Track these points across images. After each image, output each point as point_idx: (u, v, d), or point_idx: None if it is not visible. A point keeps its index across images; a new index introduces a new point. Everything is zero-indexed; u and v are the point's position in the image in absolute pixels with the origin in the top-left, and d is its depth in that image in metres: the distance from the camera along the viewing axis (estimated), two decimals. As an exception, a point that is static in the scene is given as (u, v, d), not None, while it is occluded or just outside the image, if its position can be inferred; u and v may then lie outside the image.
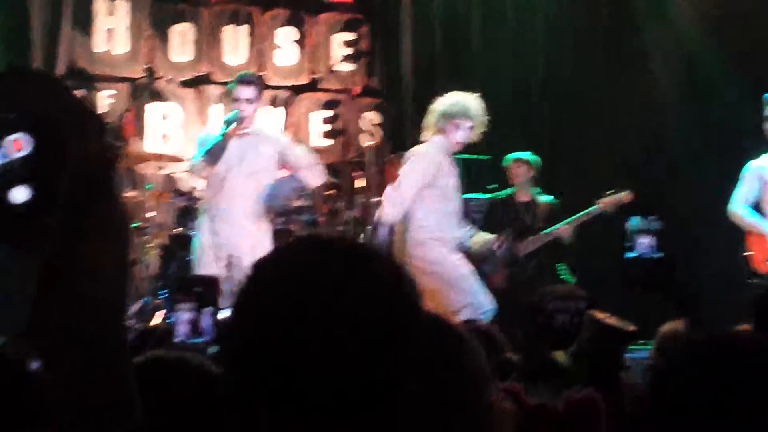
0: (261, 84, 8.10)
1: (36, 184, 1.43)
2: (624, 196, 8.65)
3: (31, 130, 1.45)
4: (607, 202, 8.74)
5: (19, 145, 1.44)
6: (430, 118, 7.76)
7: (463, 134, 7.74)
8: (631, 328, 3.92)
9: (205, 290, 5.84)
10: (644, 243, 4.96)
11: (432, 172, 7.61)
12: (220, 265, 7.59)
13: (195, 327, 5.63)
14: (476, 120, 7.74)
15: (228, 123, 7.73)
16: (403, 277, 1.68)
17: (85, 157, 1.47)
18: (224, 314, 5.88)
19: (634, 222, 4.69)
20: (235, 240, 7.67)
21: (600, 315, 3.95)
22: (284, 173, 8.04)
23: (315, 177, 8.10)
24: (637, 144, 10.30)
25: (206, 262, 7.66)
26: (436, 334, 2.35)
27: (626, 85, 10.31)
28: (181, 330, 5.59)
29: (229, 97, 7.94)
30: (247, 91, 7.76)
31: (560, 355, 3.91)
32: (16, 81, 1.51)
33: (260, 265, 1.71)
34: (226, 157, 7.69)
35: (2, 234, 1.44)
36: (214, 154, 7.68)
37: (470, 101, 7.77)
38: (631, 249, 4.84)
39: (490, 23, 10.90)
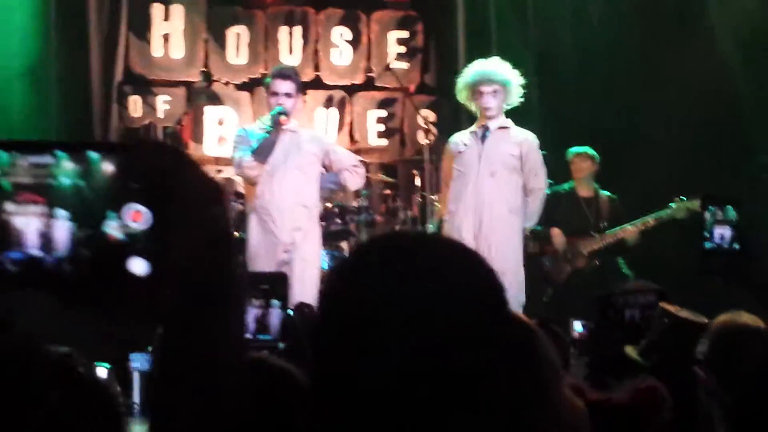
0: (299, 78, 7.89)
1: (154, 259, 1.45)
2: (696, 204, 8.33)
3: (152, 204, 1.47)
4: (678, 208, 8.51)
5: (138, 216, 1.46)
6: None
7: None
8: (704, 320, 3.87)
9: (273, 286, 5.81)
10: (722, 234, 4.90)
11: None
12: (276, 262, 7.48)
13: (262, 324, 5.61)
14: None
15: (274, 119, 7.52)
16: (490, 271, 1.66)
17: (205, 229, 1.48)
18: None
19: (711, 212, 4.63)
20: (287, 235, 7.57)
21: (671, 308, 3.90)
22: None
23: (356, 179, 7.96)
24: (705, 133, 10.11)
25: (260, 262, 7.52)
26: (512, 329, 2.34)
27: (694, 71, 10.16)
28: (249, 327, 5.58)
29: (267, 92, 7.69)
30: (285, 85, 7.57)
31: (631, 350, 3.86)
32: (142, 152, 1.53)
33: (344, 263, 1.70)
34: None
35: (120, 304, 1.47)
36: (263, 151, 7.50)
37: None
38: (708, 239, 4.77)
39: (545, 18, 10.82)
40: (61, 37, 9.81)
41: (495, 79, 7.72)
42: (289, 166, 7.60)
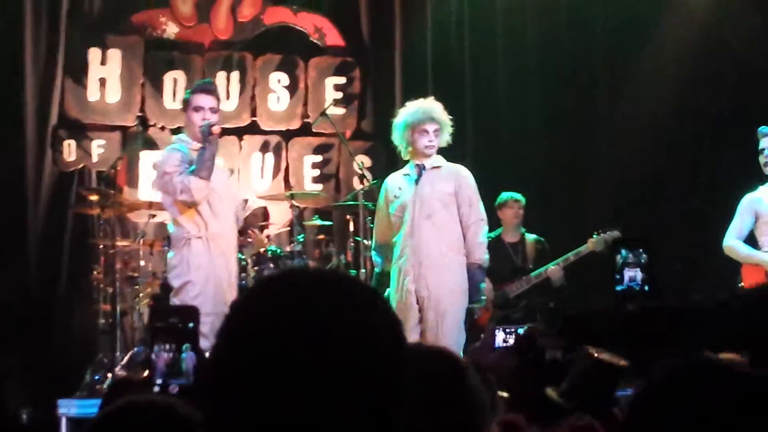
0: (218, 94, 7.68)
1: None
2: (614, 234, 8.65)
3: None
4: (596, 241, 8.74)
5: None
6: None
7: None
8: (623, 363, 3.88)
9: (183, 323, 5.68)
10: (632, 276, 4.97)
11: None
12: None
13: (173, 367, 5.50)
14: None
15: (205, 132, 7.14)
16: (384, 305, 1.65)
17: None
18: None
19: (622, 255, 4.69)
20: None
21: (592, 350, 3.91)
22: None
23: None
24: (625, 175, 10.37)
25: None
26: (437, 365, 2.33)
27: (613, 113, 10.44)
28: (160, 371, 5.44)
29: (188, 108, 7.35)
30: (209, 100, 7.33)
31: (551, 392, 3.86)
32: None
33: (239, 303, 1.68)
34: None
35: None
36: (205, 167, 7.12)
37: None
38: (620, 282, 4.83)
39: (482, 64, 10.95)
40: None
41: (437, 117, 7.73)
42: (225, 195, 7.52)
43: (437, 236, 7.63)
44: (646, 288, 5.19)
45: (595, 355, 3.89)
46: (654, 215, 10.04)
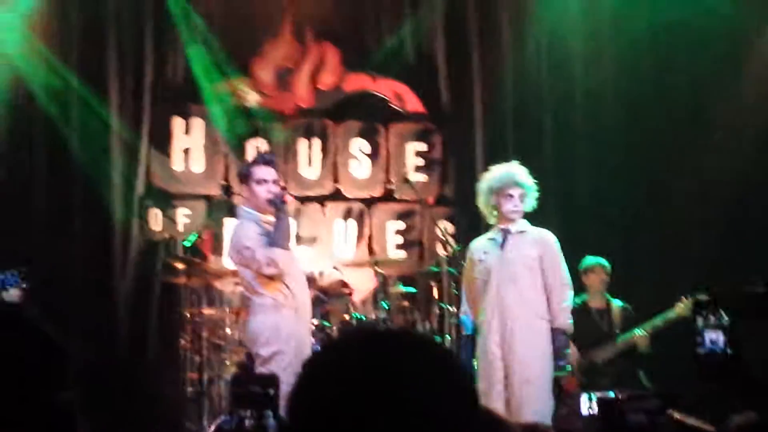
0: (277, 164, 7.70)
1: None
2: (700, 298, 8.44)
3: None
4: (685, 305, 8.57)
5: None
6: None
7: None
8: (710, 427, 3.82)
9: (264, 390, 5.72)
10: (713, 338, 4.86)
11: None
12: None
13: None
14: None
15: (278, 202, 7.23)
16: (460, 367, 1.65)
17: None
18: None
19: (702, 316, 4.61)
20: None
21: (679, 415, 3.86)
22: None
23: None
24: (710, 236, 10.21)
25: None
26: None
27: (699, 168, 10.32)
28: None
29: (250, 180, 7.35)
30: (271, 171, 7.36)
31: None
32: None
33: (312, 361, 1.69)
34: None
35: None
36: (283, 238, 7.21)
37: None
38: (701, 344, 4.73)
39: (562, 131, 10.91)
40: (86, 150, 10.16)
41: (522, 182, 7.70)
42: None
43: (522, 301, 7.56)
44: (729, 351, 5.11)
45: (682, 419, 3.83)
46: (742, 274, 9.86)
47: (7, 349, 2.09)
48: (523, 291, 7.58)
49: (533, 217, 7.92)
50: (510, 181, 7.69)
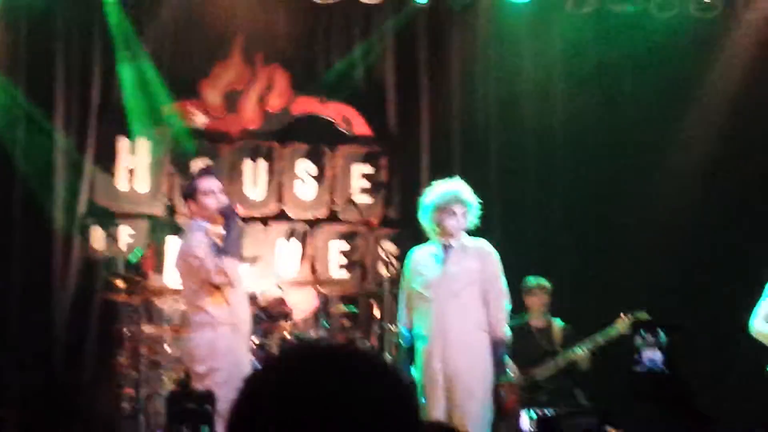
0: None
1: None
2: (639, 316, 8.50)
3: None
4: (623, 323, 8.61)
5: None
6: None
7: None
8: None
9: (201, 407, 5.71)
10: (651, 357, 4.85)
11: None
12: None
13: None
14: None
15: (227, 214, 7.19)
16: (402, 381, 1.64)
17: None
18: None
19: (641, 336, 4.61)
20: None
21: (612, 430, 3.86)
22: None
23: None
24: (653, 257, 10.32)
25: None
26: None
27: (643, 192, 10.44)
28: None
29: (197, 194, 7.23)
30: (215, 182, 7.34)
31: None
32: None
33: (252, 379, 1.67)
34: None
35: None
36: (235, 247, 7.18)
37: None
38: (637, 363, 4.73)
39: (510, 156, 10.96)
40: (28, 169, 10.03)
41: (464, 199, 7.69)
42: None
43: (463, 315, 7.53)
44: (666, 370, 5.12)
45: None
46: (684, 295, 9.95)
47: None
48: (464, 304, 7.55)
49: (476, 236, 7.92)
50: (453, 198, 7.67)
